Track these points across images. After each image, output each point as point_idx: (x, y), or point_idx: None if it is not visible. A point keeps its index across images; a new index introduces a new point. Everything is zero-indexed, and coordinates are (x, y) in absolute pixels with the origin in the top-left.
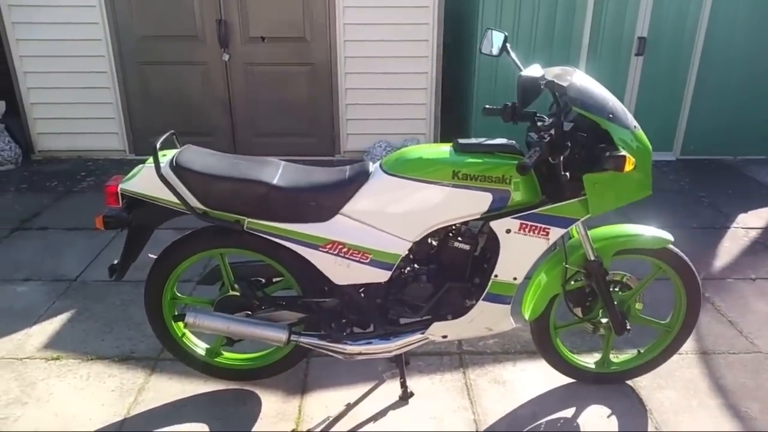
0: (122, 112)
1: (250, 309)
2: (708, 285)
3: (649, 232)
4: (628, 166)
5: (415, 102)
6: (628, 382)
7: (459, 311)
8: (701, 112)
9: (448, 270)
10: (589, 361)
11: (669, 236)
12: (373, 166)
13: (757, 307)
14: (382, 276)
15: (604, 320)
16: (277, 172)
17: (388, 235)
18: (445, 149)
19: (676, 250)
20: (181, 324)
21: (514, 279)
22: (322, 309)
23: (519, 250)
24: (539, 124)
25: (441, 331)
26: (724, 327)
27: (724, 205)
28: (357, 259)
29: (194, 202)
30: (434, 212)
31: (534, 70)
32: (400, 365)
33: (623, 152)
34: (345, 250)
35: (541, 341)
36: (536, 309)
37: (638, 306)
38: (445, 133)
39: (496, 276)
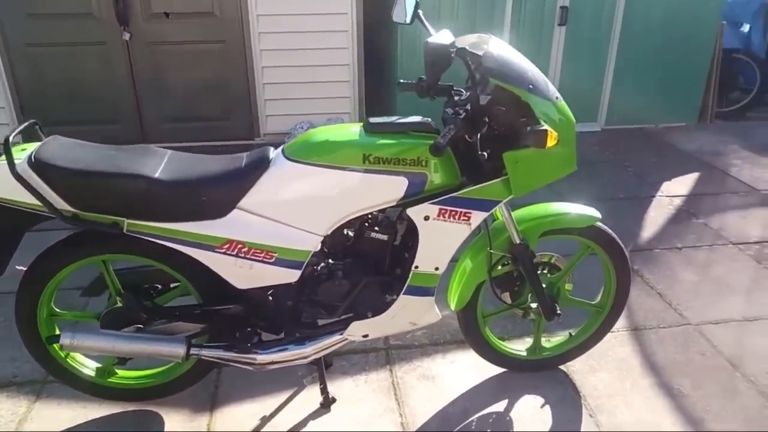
0: (11, 101)
1: (140, 322)
2: (636, 257)
3: (575, 210)
4: (551, 141)
5: (337, 79)
6: (561, 367)
7: (379, 308)
8: (624, 82)
9: (365, 264)
10: (520, 348)
11: (596, 213)
12: (274, 153)
13: (684, 277)
14: (291, 276)
15: (533, 305)
16: (161, 163)
17: (295, 230)
18: (354, 130)
19: (604, 227)
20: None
21: (436, 269)
22: (224, 317)
23: (439, 238)
24: (456, 98)
25: (361, 330)
26: (653, 300)
27: (649, 173)
28: (260, 259)
29: (60, 203)
30: (345, 201)
31: (443, 37)
32: (321, 369)
33: (544, 126)
34: (245, 249)
35: (470, 331)
36: (462, 298)
37: (568, 286)
38: (372, 113)
39: (416, 267)
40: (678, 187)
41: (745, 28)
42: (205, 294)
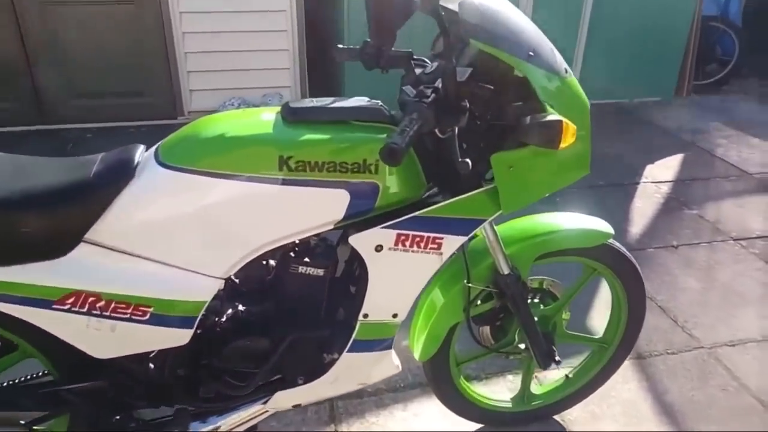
0: None
1: None
2: None
3: (579, 223)
4: (568, 139)
5: (274, 48)
6: (556, 417)
7: (314, 371)
8: (596, 53)
9: (290, 312)
10: (503, 398)
11: (608, 228)
12: (142, 154)
13: (687, 284)
14: (178, 338)
15: (522, 345)
16: None
17: (179, 272)
18: (267, 119)
19: (616, 244)
20: None
21: (394, 316)
22: (83, 397)
23: (398, 276)
24: (418, 72)
25: (290, 399)
26: (656, 316)
27: (630, 156)
28: (126, 316)
29: None
30: (253, 228)
31: None
32: None
33: (555, 115)
34: (101, 304)
35: (440, 384)
36: (430, 346)
37: (565, 316)
38: (316, 87)
39: (365, 316)
40: (663, 172)
41: None
42: (52, 364)
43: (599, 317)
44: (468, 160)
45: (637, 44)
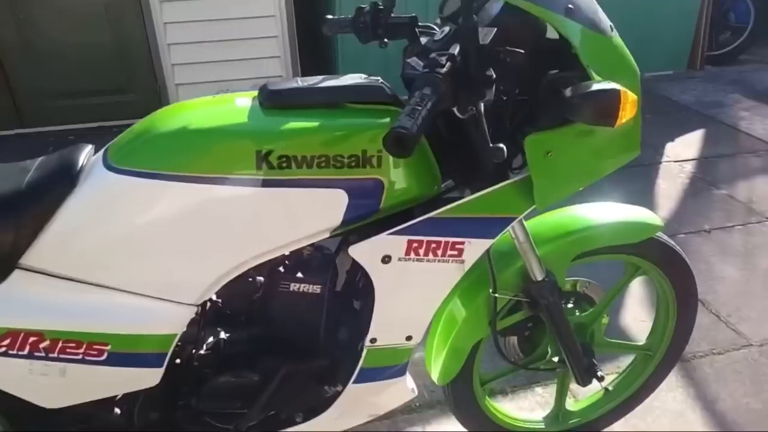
0: None
1: None
2: None
3: (623, 215)
4: (628, 112)
5: (263, 35)
6: None
7: (315, 406)
8: None
9: (282, 338)
10: (535, 418)
11: (656, 220)
12: (87, 155)
13: (725, 272)
14: (145, 379)
15: (555, 358)
16: None
17: (142, 300)
18: (241, 106)
19: (665, 238)
20: None
21: (408, 339)
22: None
23: (411, 291)
24: (425, 41)
25: None
26: None
27: (648, 134)
28: (78, 356)
29: None
30: (229, 243)
31: None
32: None
33: (608, 83)
34: (45, 344)
35: (462, 407)
36: (450, 368)
37: (603, 321)
38: (311, 73)
39: (373, 341)
40: (686, 149)
41: None
42: (1, 410)
43: (632, 317)
44: (502, 145)
45: (647, 15)
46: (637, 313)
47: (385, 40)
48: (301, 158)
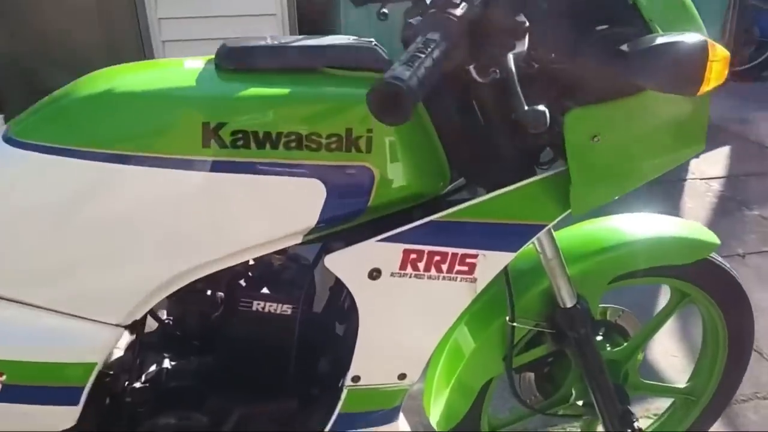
0: None
1: None
2: None
3: (672, 230)
4: (717, 74)
5: (259, 12)
6: None
7: None
8: None
9: (241, 371)
10: None
11: (712, 237)
12: None
13: (764, 303)
14: (56, 420)
15: (580, 402)
16: None
17: (49, 317)
18: (190, 68)
19: (719, 260)
20: None
21: (401, 378)
22: None
23: (407, 317)
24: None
25: None
26: None
27: None
28: None
29: None
30: (166, 245)
31: None
32: None
33: (694, 34)
34: None
35: None
36: (454, 411)
37: (638, 357)
38: None
39: (356, 379)
40: (711, 167)
41: None
42: None
43: (662, 350)
44: (543, 107)
45: None
46: (666, 347)
47: (384, 11)
48: (263, 135)
